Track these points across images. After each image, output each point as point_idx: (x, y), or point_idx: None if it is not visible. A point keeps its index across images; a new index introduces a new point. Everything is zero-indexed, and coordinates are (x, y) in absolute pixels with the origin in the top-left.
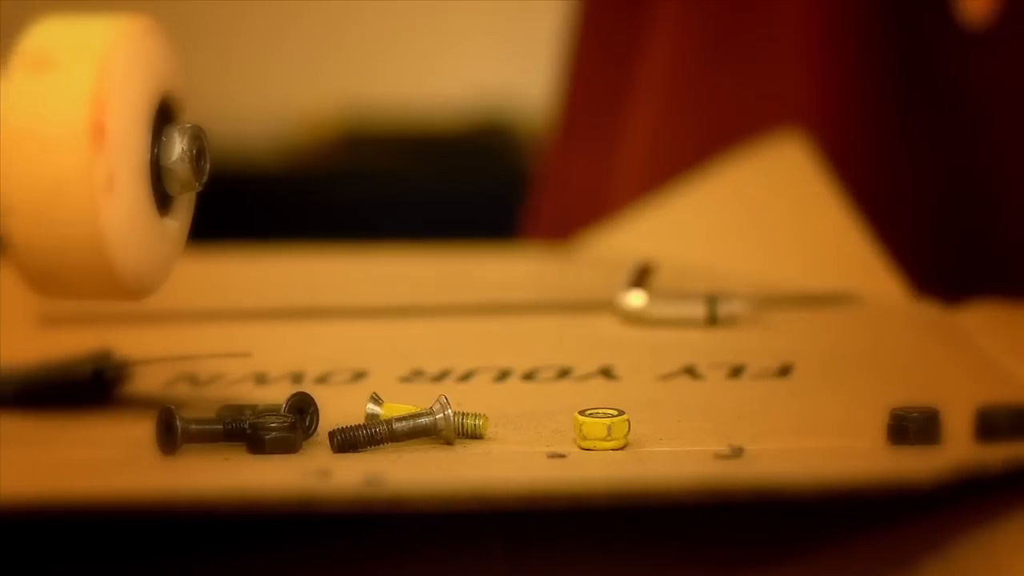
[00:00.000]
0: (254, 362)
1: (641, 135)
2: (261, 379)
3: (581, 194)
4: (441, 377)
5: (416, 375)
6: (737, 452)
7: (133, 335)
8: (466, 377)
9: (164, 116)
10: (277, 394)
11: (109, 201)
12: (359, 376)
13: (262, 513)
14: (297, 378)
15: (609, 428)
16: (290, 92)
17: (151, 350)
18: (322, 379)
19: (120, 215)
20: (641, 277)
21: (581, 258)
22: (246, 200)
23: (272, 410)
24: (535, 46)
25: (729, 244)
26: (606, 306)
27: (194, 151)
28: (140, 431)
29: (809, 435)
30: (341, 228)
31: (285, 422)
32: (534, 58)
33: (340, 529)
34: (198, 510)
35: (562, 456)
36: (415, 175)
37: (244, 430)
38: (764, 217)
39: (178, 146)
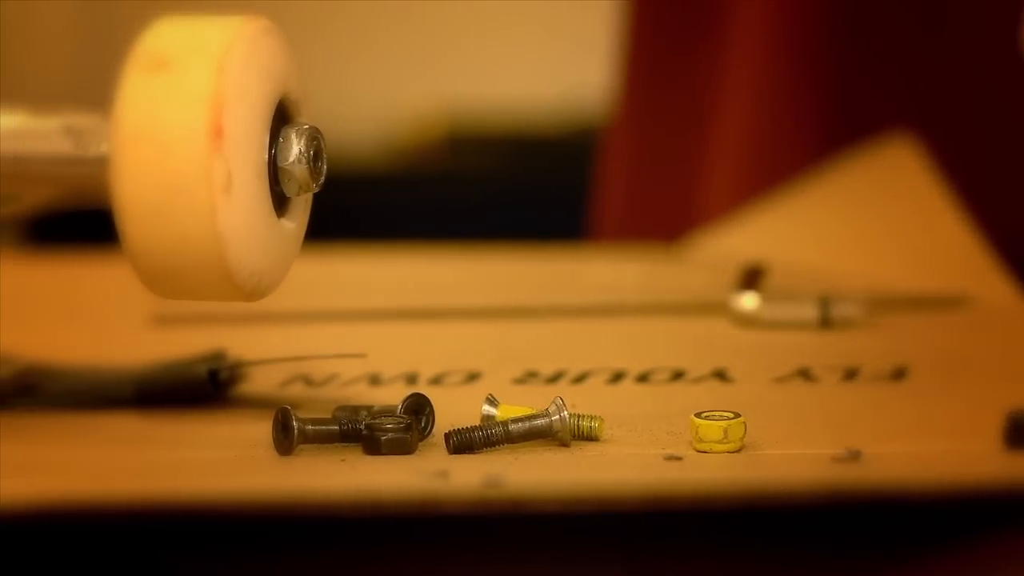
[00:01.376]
0: (368, 363)
1: (728, 136)
2: (375, 380)
3: (648, 194)
4: (555, 379)
5: (530, 376)
6: (854, 455)
7: (246, 335)
8: (580, 379)
9: (281, 117)
10: (391, 395)
11: (227, 202)
12: (473, 377)
13: (381, 514)
14: (411, 379)
15: (725, 431)
16: (395, 93)
17: (264, 350)
18: (436, 380)
19: (238, 216)
20: (753, 279)
21: (689, 260)
22: (350, 200)
23: (388, 411)
24: None
25: (839, 247)
26: (718, 308)
27: (311, 152)
28: (256, 431)
29: (926, 438)
30: (445, 228)
31: (401, 423)
32: None
33: (455, 530)
34: (317, 511)
35: (678, 458)
36: (519, 176)
37: (360, 431)
38: (874, 220)
39: (295, 147)
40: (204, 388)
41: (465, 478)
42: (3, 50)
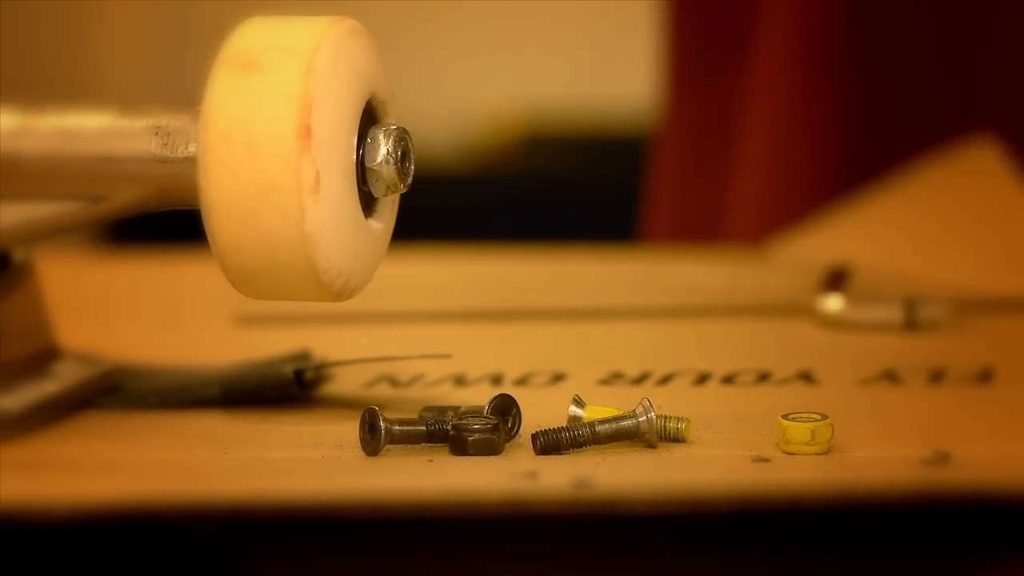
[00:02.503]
0: (453, 363)
1: (755, 145)
2: (460, 380)
3: (693, 196)
4: (640, 380)
5: (615, 378)
6: (943, 457)
7: (329, 335)
8: (665, 380)
9: (369, 117)
10: (477, 396)
11: (315, 202)
12: (558, 378)
13: (470, 515)
14: (496, 380)
15: (813, 432)
16: (474, 94)
17: (348, 351)
18: (521, 381)
19: (325, 216)
20: (837, 281)
21: (772, 261)
22: (428, 200)
23: (475, 411)
24: None
25: (923, 249)
26: (801, 309)
27: (399, 152)
28: (342, 432)
29: (1014, 440)
30: (523, 229)
31: (488, 424)
32: None
33: (542, 532)
34: (406, 512)
35: (766, 460)
36: (598, 177)
37: (447, 431)
38: (958, 222)
39: (383, 147)
40: (290, 388)
41: (554, 479)
42: (83, 50)
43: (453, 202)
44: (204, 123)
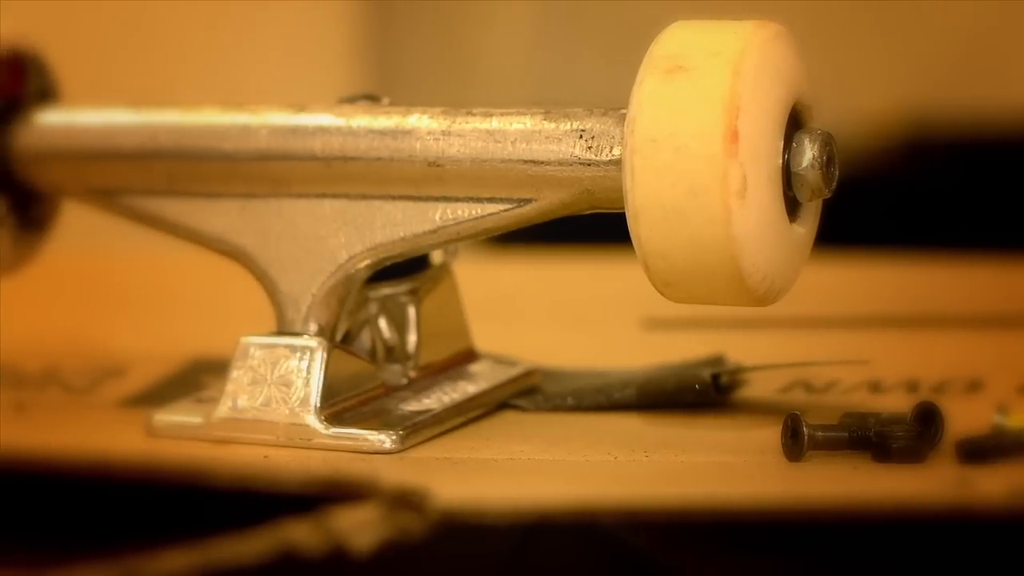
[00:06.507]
0: (867, 369)
1: None
2: (876, 387)
3: None
4: None
5: None
6: None
7: (735, 339)
8: None
9: (794, 122)
10: (893, 402)
11: (741, 206)
12: (975, 386)
13: (906, 521)
14: (912, 387)
15: None
16: (852, 93)
17: (755, 355)
18: (938, 388)
19: (751, 220)
20: None
21: None
22: None
23: (897, 418)
24: None
25: None
26: None
27: (824, 157)
28: (762, 437)
29: None
30: (902, 235)
31: (912, 431)
32: None
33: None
34: (842, 518)
35: None
36: (983, 185)
37: (869, 438)
38: None
39: (809, 152)
40: (707, 393)
41: (989, 487)
42: (466, 53)
43: (829, 206)
44: (631, 126)
